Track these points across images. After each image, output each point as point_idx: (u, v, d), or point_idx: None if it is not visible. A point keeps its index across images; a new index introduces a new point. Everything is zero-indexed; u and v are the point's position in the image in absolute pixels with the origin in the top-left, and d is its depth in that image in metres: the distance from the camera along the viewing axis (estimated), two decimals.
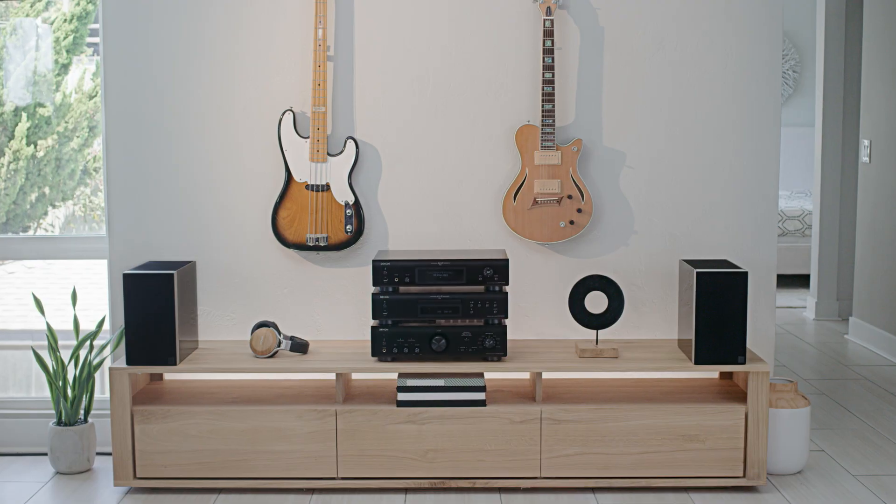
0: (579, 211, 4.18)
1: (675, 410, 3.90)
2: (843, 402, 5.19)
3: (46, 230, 7.67)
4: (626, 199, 4.29)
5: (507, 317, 3.94)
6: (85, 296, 5.28)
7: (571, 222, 4.18)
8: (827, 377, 5.71)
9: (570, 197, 4.17)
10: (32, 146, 7.99)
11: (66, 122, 7.59)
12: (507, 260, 3.95)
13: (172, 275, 3.87)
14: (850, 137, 7.09)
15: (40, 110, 7.87)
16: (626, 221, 4.30)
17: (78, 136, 5.62)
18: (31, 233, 5.79)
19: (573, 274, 4.30)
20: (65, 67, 7.82)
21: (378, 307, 3.92)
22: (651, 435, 3.89)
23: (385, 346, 3.92)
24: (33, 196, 7.92)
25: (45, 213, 7.95)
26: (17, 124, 7.78)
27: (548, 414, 3.88)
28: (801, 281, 8.22)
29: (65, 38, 7.80)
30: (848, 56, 7.05)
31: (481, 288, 3.97)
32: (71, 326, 4.25)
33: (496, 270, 3.93)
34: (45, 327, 4.20)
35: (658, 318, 4.34)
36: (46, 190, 7.88)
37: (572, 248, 4.30)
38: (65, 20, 7.72)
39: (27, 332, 4.77)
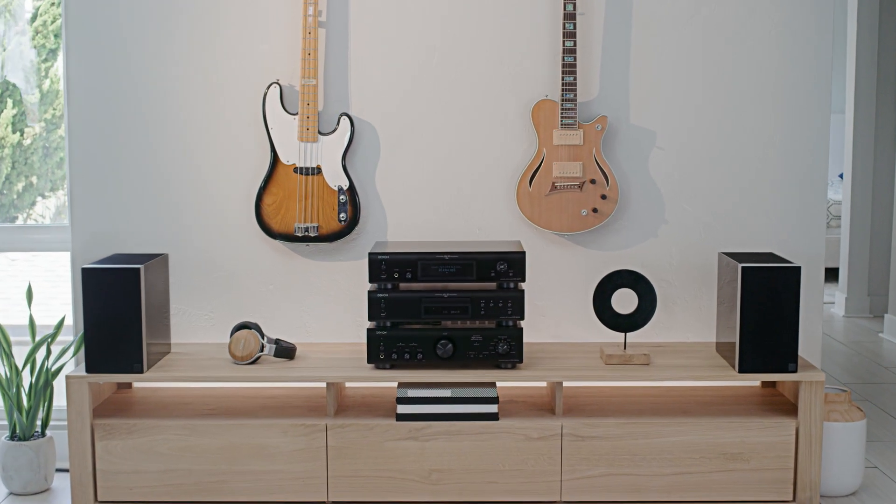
0: (603, 197, 3.61)
1: (714, 425, 3.32)
2: (888, 409, 4.61)
3: (36, 221, 7.12)
4: (656, 184, 3.72)
5: (523, 318, 3.36)
6: (67, 291, 4.70)
7: (595, 210, 3.61)
8: (865, 381, 5.13)
9: (593, 181, 3.61)
10: (18, 133, 7.41)
11: (54, 109, 7.02)
12: (523, 252, 3.37)
13: (139, 269, 3.30)
14: (884, 123, 6.50)
15: (27, 97, 7.27)
16: (656, 209, 3.73)
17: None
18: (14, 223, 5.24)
19: (596, 269, 3.72)
20: (52, 52, 7.25)
21: (375, 306, 3.35)
22: (687, 453, 3.32)
23: (383, 351, 3.34)
24: (20, 185, 7.37)
25: (34, 203, 7.40)
26: (1, 111, 7.19)
27: (569, 429, 3.31)
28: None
29: (53, 22, 7.24)
30: (882, 39, 6.46)
31: (493, 285, 3.40)
32: (48, 324, 3.71)
33: (511, 264, 3.35)
34: (26, 322, 3.66)
35: (691, 318, 3.76)
36: (34, 179, 7.33)
37: (595, 239, 3.73)
38: (52, 3, 7.15)
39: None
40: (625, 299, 3.57)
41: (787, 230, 3.73)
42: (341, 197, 3.63)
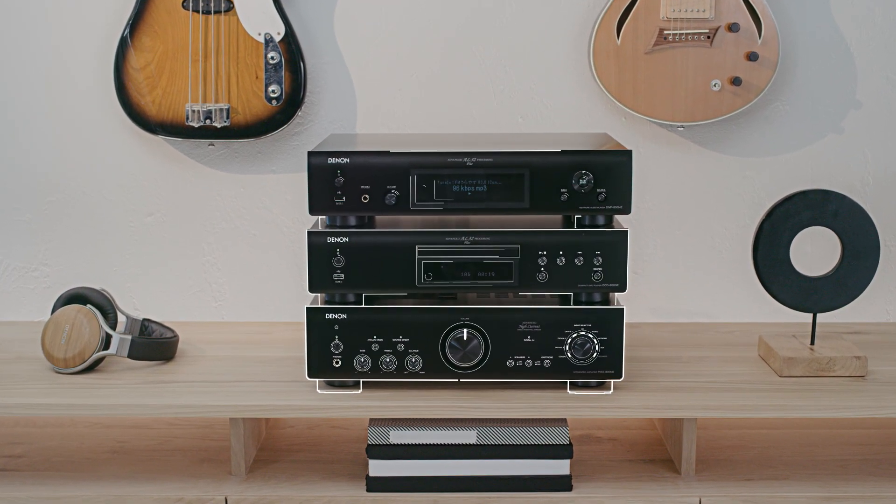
0: (752, 58, 1.84)
1: None
2: None
3: None
4: (844, 37, 1.93)
5: (623, 287, 1.57)
6: None
7: (735, 81, 1.84)
8: None
9: (732, 28, 1.83)
10: None
11: None
12: (628, 153, 1.56)
13: None
14: None
15: None
16: (843, 82, 1.94)
17: None
18: None
19: (739, 187, 1.95)
20: None
21: (322, 261, 1.56)
22: None
23: (340, 353, 1.56)
24: None
25: None
26: None
27: None
28: None
29: None
30: None
31: (559, 219, 1.61)
32: None
33: (601, 177, 1.55)
34: None
35: None
36: None
37: (734, 133, 1.95)
38: None
39: None
40: (810, 247, 1.80)
41: None
42: (271, 55, 1.84)
